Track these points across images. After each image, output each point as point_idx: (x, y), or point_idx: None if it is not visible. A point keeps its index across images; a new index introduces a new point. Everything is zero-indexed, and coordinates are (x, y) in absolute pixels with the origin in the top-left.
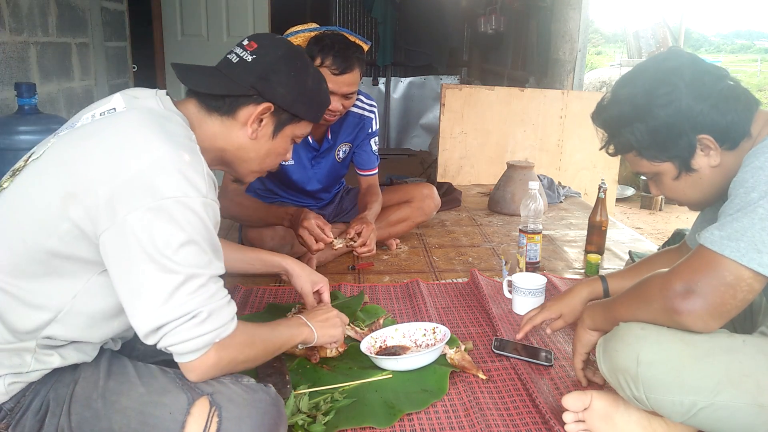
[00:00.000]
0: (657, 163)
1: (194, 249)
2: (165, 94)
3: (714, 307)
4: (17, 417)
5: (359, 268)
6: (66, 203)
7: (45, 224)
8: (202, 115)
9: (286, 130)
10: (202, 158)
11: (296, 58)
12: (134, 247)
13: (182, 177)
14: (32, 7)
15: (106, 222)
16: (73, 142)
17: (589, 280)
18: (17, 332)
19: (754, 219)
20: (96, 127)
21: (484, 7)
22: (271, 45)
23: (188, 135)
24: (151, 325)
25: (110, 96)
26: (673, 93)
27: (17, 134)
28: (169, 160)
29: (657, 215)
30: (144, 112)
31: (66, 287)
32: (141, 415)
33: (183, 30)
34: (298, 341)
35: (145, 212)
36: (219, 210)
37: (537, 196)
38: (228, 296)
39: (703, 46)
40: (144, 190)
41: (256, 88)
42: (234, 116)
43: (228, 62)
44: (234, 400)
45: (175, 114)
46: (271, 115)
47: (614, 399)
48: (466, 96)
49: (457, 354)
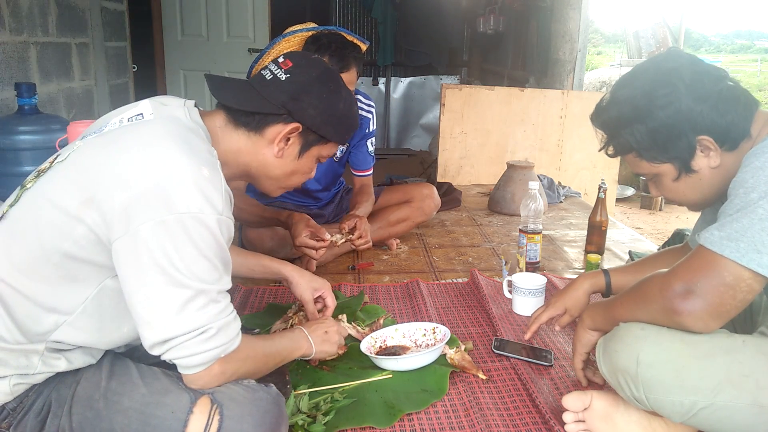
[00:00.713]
0: (657, 164)
1: (206, 264)
2: (193, 105)
3: (714, 308)
4: (19, 417)
5: (359, 268)
6: (83, 207)
7: (62, 227)
8: (229, 128)
9: (312, 151)
10: (221, 174)
11: (330, 80)
12: (146, 258)
13: (199, 192)
14: (32, 7)
15: (120, 230)
16: (97, 148)
17: (592, 273)
18: (28, 333)
19: (753, 219)
20: (121, 134)
21: (484, 7)
22: (306, 65)
23: (210, 150)
24: (159, 337)
25: (139, 101)
26: (673, 94)
27: (17, 134)
28: (188, 174)
29: (657, 215)
30: (169, 123)
31: (78, 291)
32: (142, 415)
33: (183, 30)
34: (297, 356)
35: (159, 225)
36: (233, 226)
37: (537, 196)
38: (234, 311)
39: (703, 46)
40: (160, 202)
41: (287, 108)
42: (261, 133)
43: (261, 78)
44: (235, 399)
45: (200, 127)
46: (298, 136)
47: (614, 399)
48: (466, 96)
49: (457, 354)
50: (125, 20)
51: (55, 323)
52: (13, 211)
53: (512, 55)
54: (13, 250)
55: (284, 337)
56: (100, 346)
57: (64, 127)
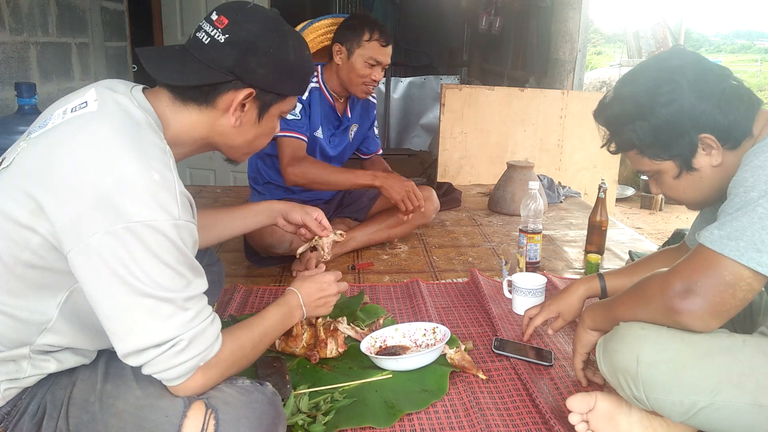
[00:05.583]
0: (658, 161)
1: (167, 272)
2: (141, 90)
3: (713, 307)
4: (14, 421)
5: (359, 268)
6: (34, 217)
7: (17, 238)
8: (177, 106)
9: (271, 111)
10: (175, 176)
11: (273, 30)
12: (103, 269)
13: (151, 199)
14: (32, 7)
15: (72, 242)
16: (41, 151)
17: (587, 278)
18: (11, 342)
19: (753, 218)
20: (65, 131)
21: (484, 7)
22: (243, 20)
23: (161, 146)
24: (129, 348)
25: (85, 87)
26: (676, 92)
27: (17, 134)
28: (138, 180)
29: (657, 215)
30: (115, 117)
31: (49, 298)
32: (137, 418)
33: (183, 30)
34: (289, 327)
35: (110, 234)
36: (196, 230)
37: (537, 196)
38: (211, 316)
39: (703, 46)
40: (110, 211)
41: (235, 73)
42: (213, 105)
43: (198, 43)
44: (230, 403)
45: (148, 114)
46: (253, 99)
47: (618, 400)
48: (466, 96)
49: (457, 354)
50: (125, 20)
51: (36, 330)
52: None
53: (512, 55)
54: None
55: (274, 311)
56: (88, 347)
57: None
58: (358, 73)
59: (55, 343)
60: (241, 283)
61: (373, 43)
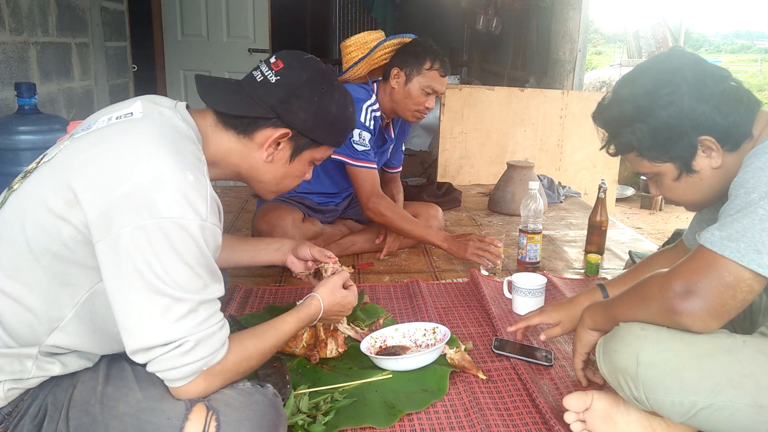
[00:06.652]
0: (658, 163)
1: (187, 272)
2: (185, 106)
3: (714, 308)
4: (15, 422)
5: (359, 268)
6: (69, 208)
7: (49, 228)
8: (219, 128)
9: (304, 155)
10: (207, 181)
11: (322, 82)
12: (126, 262)
13: (182, 198)
14: (32, 7)
15: (101, 233)
16: (83, 147)
17: (590, 293)
18: (20, 338)
19: (754, 220)
20: (108, 133)
21: (484, 7)
22: (297, 66)
23: (198, 155)
24: (137, 345)
25: (132, 99)
26: (675, 93)
27: (17, 134)
28: (172, 178)
29: (657, 215)
30: (158, 123)
31: (69, 295)
32: (138, 421)
33: (183, 30)
34: (303, 328)
35: (139, 229)
36: (220, 234)
37: (537, 196)
38: (221, 321)
39: (703, 46)
40: (142, 206)
41: (276, 112)
42: (251, 137)
43: (252, 80)
44: (231, 405)
45: (190, 127)
46: (288, 140)
47: (615, 399)
48: (466, 96)
49: (457, 354)
50: (125, 20)
51: (47, 328)
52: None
53: (512, 55)
54: (2, 253)
55: (293, 322)
56: (95, 351)
57: (64, 127)
58: (414, 100)
59: (63, 345)
60: (241, 283)
61: (434, 73)
